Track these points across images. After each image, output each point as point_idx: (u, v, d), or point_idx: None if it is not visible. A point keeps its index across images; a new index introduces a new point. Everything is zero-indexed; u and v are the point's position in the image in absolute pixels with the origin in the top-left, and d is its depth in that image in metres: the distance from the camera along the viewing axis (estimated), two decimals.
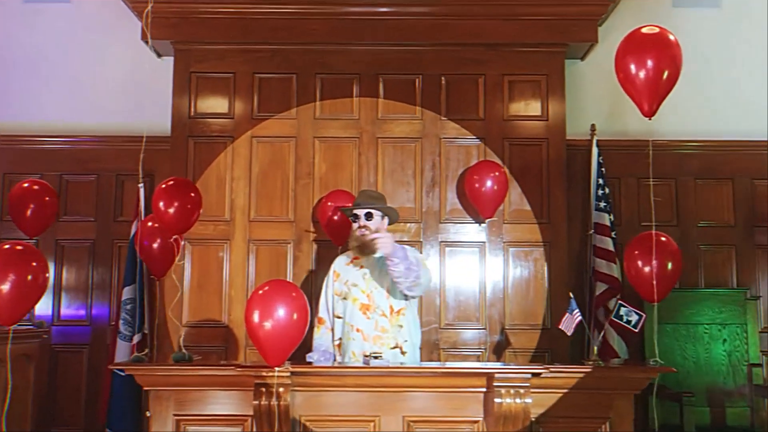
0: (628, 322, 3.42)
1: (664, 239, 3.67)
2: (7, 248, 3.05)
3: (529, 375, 3.12)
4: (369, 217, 3.62)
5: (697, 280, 5.16)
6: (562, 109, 5.02)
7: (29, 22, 5.41)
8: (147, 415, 3.25)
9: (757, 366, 4.78)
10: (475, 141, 5.02)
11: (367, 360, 3.34)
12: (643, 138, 4.96)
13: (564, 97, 5.03)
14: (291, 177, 4.99)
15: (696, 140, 5.25)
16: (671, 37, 3.22)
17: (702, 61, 5.20)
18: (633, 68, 3.21)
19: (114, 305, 5.10)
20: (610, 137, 5.18)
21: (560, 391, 3.22)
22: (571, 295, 3.49)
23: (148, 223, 4.27)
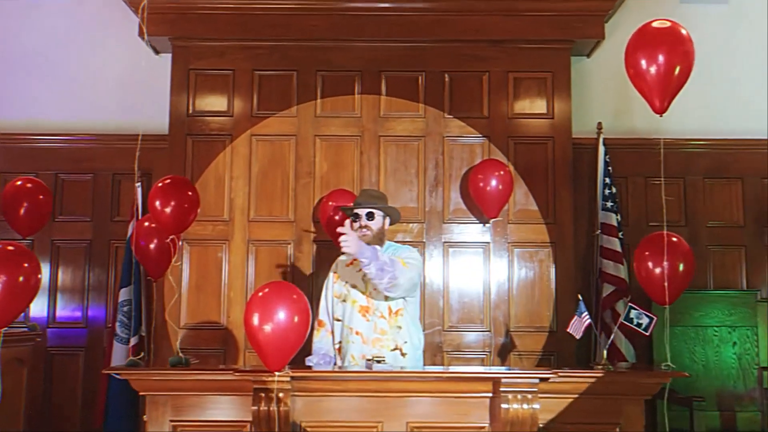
0: (638, 325, 3.33)
1: (675, 239, 3.61)
2: None
3: (537, 380, 3.04)
4: (370, 216, 3.55)
5: (706, 281, 5.08)
6: (568, 106, 4.96)
7: (24, 19, 5.33)
8: (144, 419, 3.19)
9: None
10: (480, 139, 4.94)
11: (370, 364, 3.28)
12: (650, 136, 4.93)
13: (570, 94, 4.97)
14: (291, 176, 4.92)
15: (705, 139, 5.16)
16: (683, 32, 3.16)
17: (710, 58, 5.10)
18: (644, 64, 3.15)
19: (111, 307, 5.04)
20: (617, 136, 5.11)
21: (569, 396, 3.13)
22: (580, 297, 3.41)
23: (144, 223, 4.22)
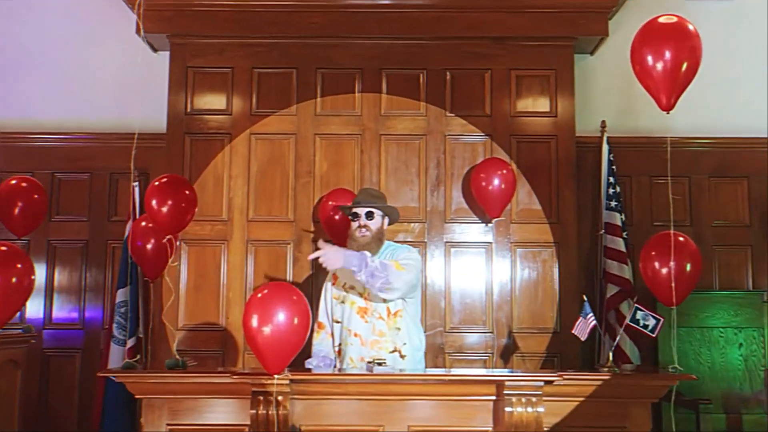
0: (644, 326, 3.27)
1: (682, 239, 3.54)
2: None
3: (541, 382, 2.98)
4: (369, 216, 3.50)
5: (711, 281, 5.01)
6: (572, 105, 4.90)
7: (19, 16, 5.27)
8: (141, 421, 3.14)
9: None
10: (482, 138, 4.88)
11: (371, 366, 3.24)
12: (655, 135, 4.87)
13: (573, 92, 4.90)
14: (291, 175, 4.86)
15: (710, 137, 5.10)
16: (690, 27, 3.10)
17: (716, 55, 5.02)
18: (650, 59, 3.09)
19: (107, 308, 4.99)
20: (621, 134, 5.05)
21: (574, 399, 3.07)
22: (585, 298, 3.36)
23: (141, 223, 4.17)
